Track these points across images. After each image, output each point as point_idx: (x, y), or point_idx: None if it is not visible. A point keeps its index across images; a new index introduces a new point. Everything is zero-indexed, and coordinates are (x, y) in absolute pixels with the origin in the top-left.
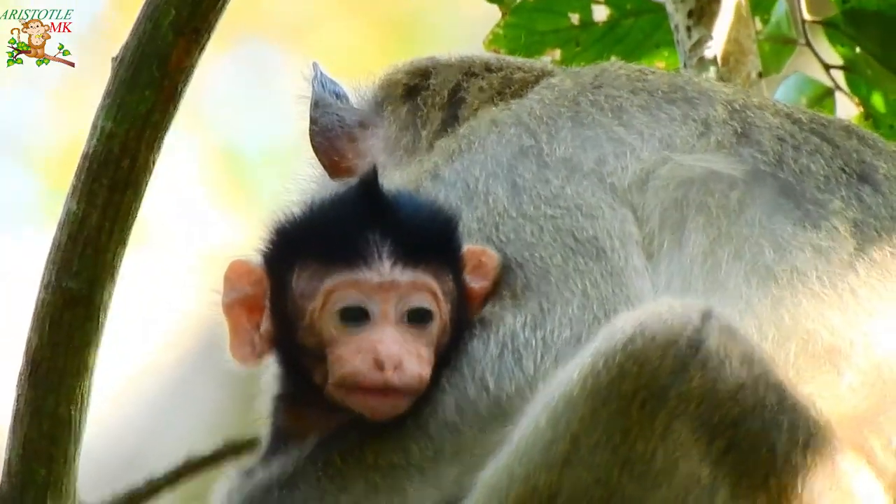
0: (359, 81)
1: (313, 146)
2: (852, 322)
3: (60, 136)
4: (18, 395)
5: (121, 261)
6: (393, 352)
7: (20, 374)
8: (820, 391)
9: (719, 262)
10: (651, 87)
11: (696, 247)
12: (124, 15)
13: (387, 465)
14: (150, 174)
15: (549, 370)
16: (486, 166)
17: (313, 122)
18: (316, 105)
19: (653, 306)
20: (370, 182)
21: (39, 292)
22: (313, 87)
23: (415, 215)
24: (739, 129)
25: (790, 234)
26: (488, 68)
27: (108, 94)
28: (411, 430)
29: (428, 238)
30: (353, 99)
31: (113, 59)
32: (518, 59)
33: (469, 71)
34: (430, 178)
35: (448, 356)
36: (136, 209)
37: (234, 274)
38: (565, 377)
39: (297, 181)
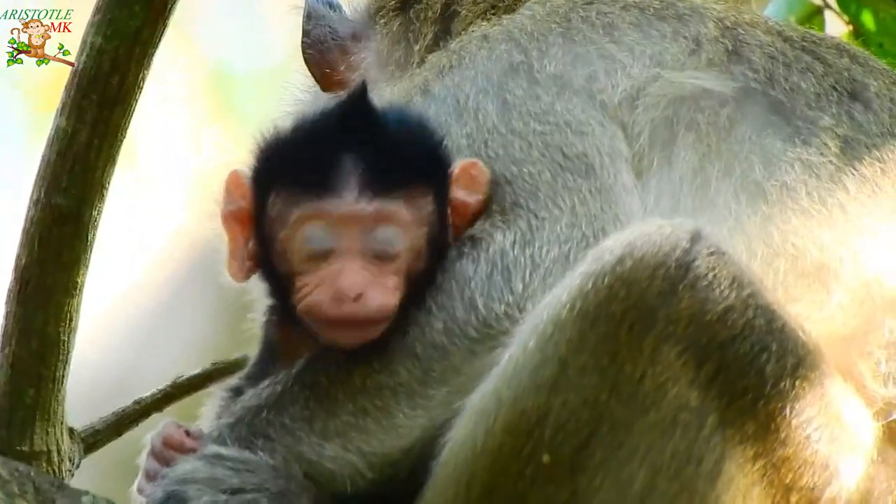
0: None
1: (305, 58)
2: (842, 239)
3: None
4: (7, 313)
5: (110, 178)
6: (354, 283)
7: (9, 292)
8: (809, 310)
9: (709, 179)
10: (642, 4)
11: (686, 164)
12: None
13: (374, 387)
14: (140, 91)
15: (537, 289)
16: (476, 82)
17: (305, 34)
18: (308, 17)
19: (642, 227)
20: (354, 100)
21: (28, 209)
22: None
23: (395, 136)
24: (730, 47)
25: (780, 151)
26: None
27: (97, 9)
28: (398, 351)
29: (406, 160)
30: (347, 9)
31: None
32: None
33: None
34: (420, 93)
35: (433, 274)
36: (126, 126)
37: (232, 184)
38: (554, 299)
39: (290, 92)
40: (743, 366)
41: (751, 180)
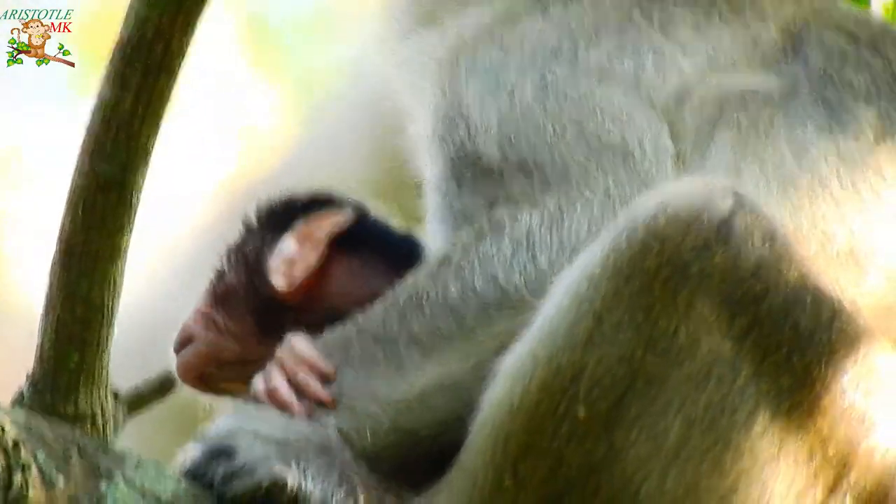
0: None
1: None
2: (875, 225)
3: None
4: (51, 280)
5: (154, 145)
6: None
7: (53, 259)
8: (845, 286)
9: (740, 171)
10: (708, 5)
11: (719, 159)
12: None
13: (387, 338)
14: (184, 57)
15: (563, 267)
16: (520, 61)
17: None
18: None
19: (676, 185)
20: None
21: (73, 177)
22: None
23: None
24: (788, 48)
25: (813, 142)
26: None
27: None
28: (410, 307)
29: None
30: None
31: None
32: None
33: None
34: (468, 56)
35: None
36: (170, 93)
37: None
38: (588, 256)
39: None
40: (777, 320)
41: (782, 171)
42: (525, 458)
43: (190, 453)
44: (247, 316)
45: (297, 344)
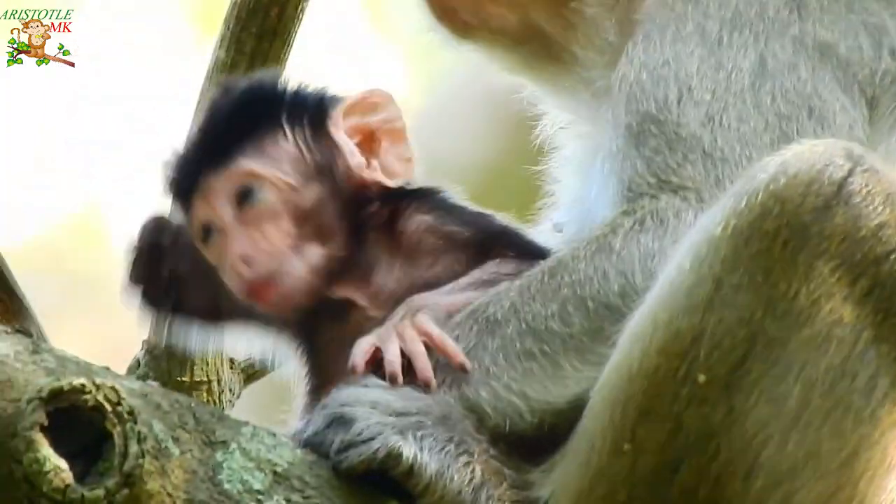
0: None
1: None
2: None
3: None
4: None
5: None
6: (235, 251)
7: None
8: None
9: None
10: None
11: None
12: None
13: (545, 332)
14: (299, 22)
15: None
16: (736, 23)
17: None
18: None
19: (796, 147)
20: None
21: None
22: None
23: (230, 110)
24: None
25: None
26: None
27: None
28: (572, 301)
29: (236, 124)
30: None
31: None
32: None
33: None
34: (669, 11)
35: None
36: (285, 58)
37: None
38: (709, 219)
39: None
40: None
41: None
42: (644, 422)
43: (308, 422)
44: (337, 221)
45: (424, 324)
